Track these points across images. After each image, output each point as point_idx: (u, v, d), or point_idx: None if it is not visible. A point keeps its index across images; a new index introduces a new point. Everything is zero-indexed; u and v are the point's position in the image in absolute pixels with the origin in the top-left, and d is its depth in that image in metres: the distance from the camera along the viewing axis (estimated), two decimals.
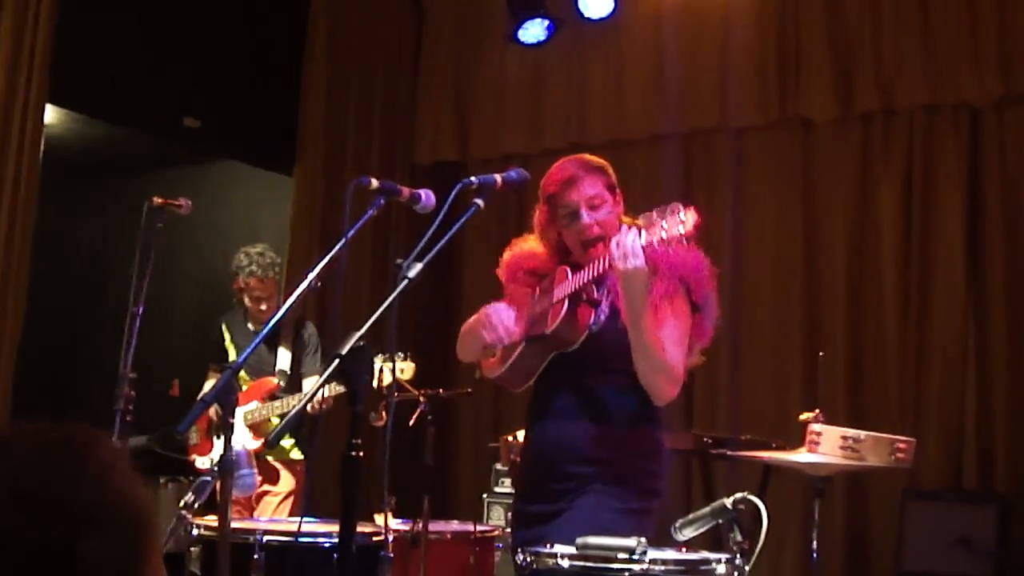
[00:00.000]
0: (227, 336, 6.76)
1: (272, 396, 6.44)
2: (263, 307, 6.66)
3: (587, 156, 4.14)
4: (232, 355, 6.65)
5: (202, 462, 6.52)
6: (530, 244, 4.37)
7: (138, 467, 1.40)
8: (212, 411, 6.20)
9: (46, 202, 7.09)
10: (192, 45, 8.06)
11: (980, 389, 7.06)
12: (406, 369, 5.91)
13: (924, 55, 7.25)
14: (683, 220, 3.43)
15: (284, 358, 6.62)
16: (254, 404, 6.44)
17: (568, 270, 3.95)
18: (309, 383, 6.56)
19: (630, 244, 3.53)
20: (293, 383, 6.58)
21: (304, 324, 6.79)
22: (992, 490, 6.89)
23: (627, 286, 3.63)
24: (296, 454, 6.56)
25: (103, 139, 8.75)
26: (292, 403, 6.27)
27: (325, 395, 5.78)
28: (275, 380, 6.52)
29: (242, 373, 6.54)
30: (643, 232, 3.50)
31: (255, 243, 6.85)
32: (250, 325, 6.74)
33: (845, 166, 7.66)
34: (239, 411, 6.37)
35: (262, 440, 6.27)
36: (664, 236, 3.44)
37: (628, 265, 3.53)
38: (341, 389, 5.73)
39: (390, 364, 5.21)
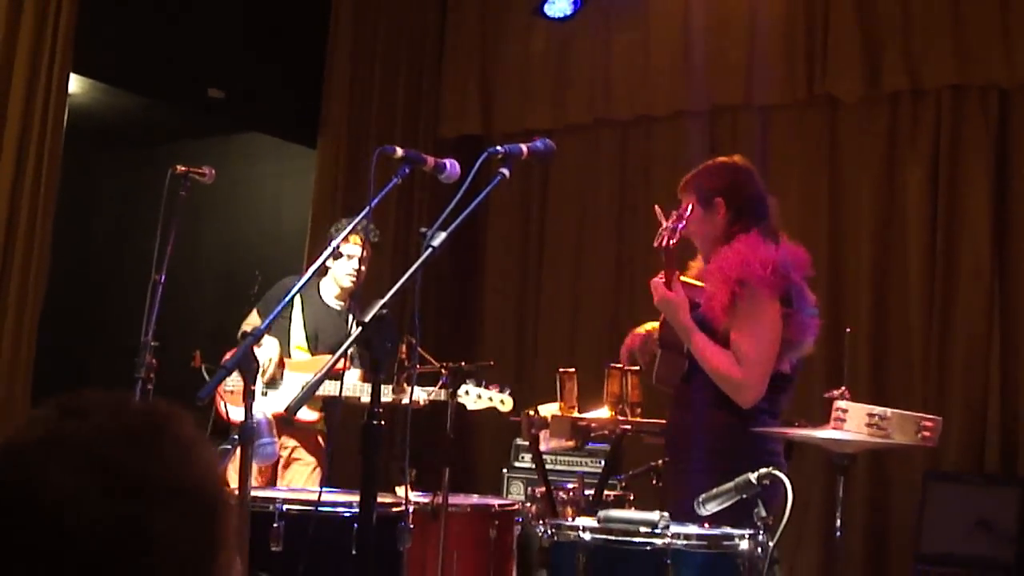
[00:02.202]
0: (298, 300, 6.47)
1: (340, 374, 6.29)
2: (352, 272, 6.51)
3: (697, 170, 4.48)
4: (296, 322, 6.49)
5: (234, 412, 6.29)
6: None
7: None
8: (271, 365, 6.21)
9: (69, 171, 7.08)
10: (217, 16, 8.04)
11: (1004, 371, 7.02)
12: (506, 401, 5.90)
13: (953, 35, 7.18)
14: (678, 215, 4.04)
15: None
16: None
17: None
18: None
19: (654, 284, 4.17)
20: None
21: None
22: (1014, 474, 6.85)
23: (667, 317, 4.22)
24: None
25: (127, 109, 8.76)
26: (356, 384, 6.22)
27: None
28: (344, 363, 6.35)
29: (302, 339, 6.49)
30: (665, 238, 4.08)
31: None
32: (327, 298, 6.55)
33: (872, 146, 7.60)
34: (301, 377, 6.28)
35: (318, 412, 6.33)
36: (667, 234, 4.03)
37: (658, 303, 4.16)
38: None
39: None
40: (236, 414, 6.29)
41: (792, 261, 4.14)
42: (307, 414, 6.26)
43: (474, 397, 5.82)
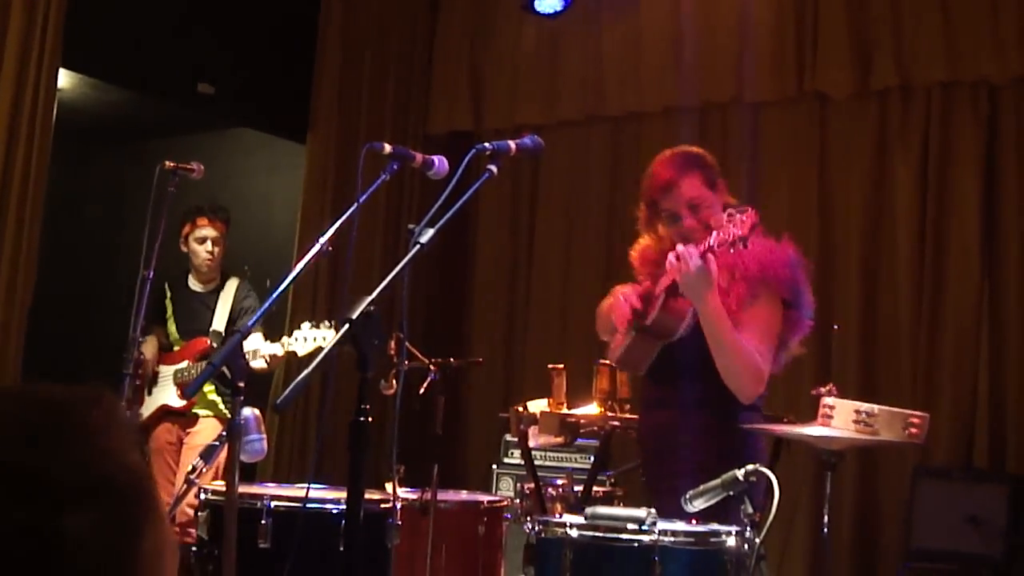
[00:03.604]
0: (169, 294, 6.76)
1: (203, 356, 6.51)
2: (211, 251, 6.67)
3: (684, 151, 4.37)
4: (169, 314, 6.74)
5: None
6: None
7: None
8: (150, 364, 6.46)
9: (58, 167, 7.07)
10: (207, 11, 8.02)
11: (993, 367, 7.02)
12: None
13: (943, 31, 7.18)
14: (742, 221, 3.71)
15: (220, 319, 6.66)
16: (185, 363, 6.56)
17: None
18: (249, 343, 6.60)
19: (686, 255, 3.84)
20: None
21: (243, 285, 6.84)
22: (1003, 469, 6.86)
23: (689, 294, 3.93)
24: (223, 408, 6.56)
25: (117, 104, 8.73)
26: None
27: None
28: (208, 340, 6.56)
29: (174, 332, 6.70)
30: (713, 234, 3.78)
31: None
32: (192, 284, 6.78)
33: (861, 142, 7.60)
34: (170, 369, 6.55)
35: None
36: (725, 237, 3.71)
37: (683, 276, 3.85)
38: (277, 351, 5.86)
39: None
40: None
41: (800, 263, 4.15)
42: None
43: (301, 341, 5.79)
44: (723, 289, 4.01)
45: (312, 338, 5.77)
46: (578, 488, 5.56)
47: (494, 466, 7.56)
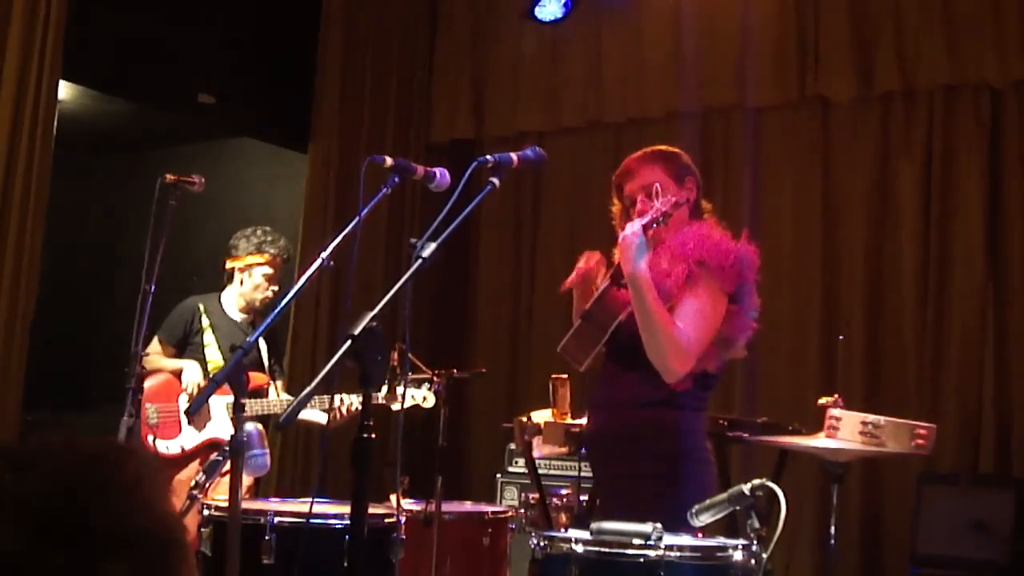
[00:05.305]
0: (205, 320, 6.40)
1: (256, 393, 6.19)
2: (275, 290, 6.50)
3: (657, 148, 4.38)
4: (210, 341, 6.36)
5: (164, 446, 6.14)
6: None
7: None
8: (188, 393, 6.15)
9: (59, 179, 7.05)
10: (208, 21, 8.01)
11: (998, 373, 7.01)
12: (428, 398, 5.82)
13: (945, 35, 7.17)
14: (666, 200, 3.91)
15: (264, 355, 6.41)
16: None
17: None
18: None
19: (630, 226, 3.96)
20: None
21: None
22: (1009, 475, 6.84)
23: (623, 259, 3.97)
24: None
25: (117, 115, 8.73)
26: (272, 405, 6.20)
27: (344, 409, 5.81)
28: (266, 378, 6.32)
29: (219, 359, 6.39)
30: (648, 215, 3.93)
31: (253, 225, 6.72)
32: (232, 312, 6.46)
33: (864, 147, 7.59)
34: (221, 401, 6.13)
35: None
36: (655, 216, 3.88)
37: (622, 244, 3.94)
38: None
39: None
40: (163, 447, 6.23)
41: (749, 260, 4.06)
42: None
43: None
44: (664, 270, 4.00)
45: (410, 396, 5.73)
46: (583, 498, 5.54)
47: (498, 475, 7.55)
